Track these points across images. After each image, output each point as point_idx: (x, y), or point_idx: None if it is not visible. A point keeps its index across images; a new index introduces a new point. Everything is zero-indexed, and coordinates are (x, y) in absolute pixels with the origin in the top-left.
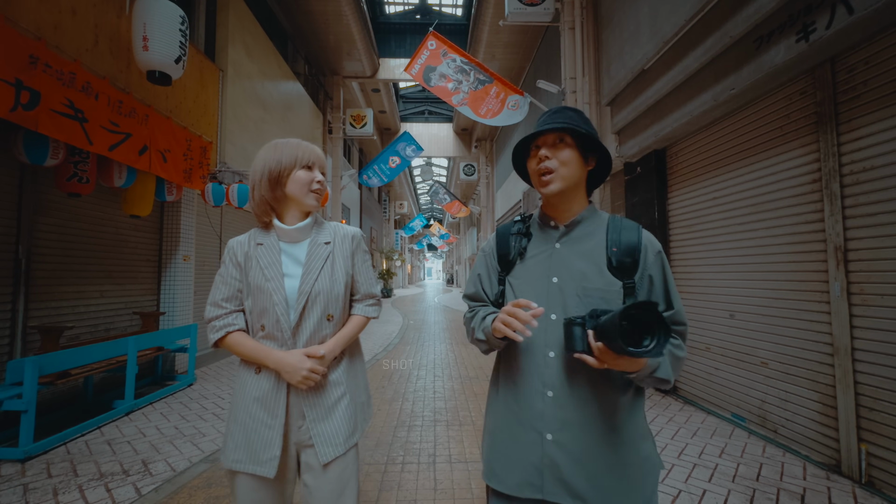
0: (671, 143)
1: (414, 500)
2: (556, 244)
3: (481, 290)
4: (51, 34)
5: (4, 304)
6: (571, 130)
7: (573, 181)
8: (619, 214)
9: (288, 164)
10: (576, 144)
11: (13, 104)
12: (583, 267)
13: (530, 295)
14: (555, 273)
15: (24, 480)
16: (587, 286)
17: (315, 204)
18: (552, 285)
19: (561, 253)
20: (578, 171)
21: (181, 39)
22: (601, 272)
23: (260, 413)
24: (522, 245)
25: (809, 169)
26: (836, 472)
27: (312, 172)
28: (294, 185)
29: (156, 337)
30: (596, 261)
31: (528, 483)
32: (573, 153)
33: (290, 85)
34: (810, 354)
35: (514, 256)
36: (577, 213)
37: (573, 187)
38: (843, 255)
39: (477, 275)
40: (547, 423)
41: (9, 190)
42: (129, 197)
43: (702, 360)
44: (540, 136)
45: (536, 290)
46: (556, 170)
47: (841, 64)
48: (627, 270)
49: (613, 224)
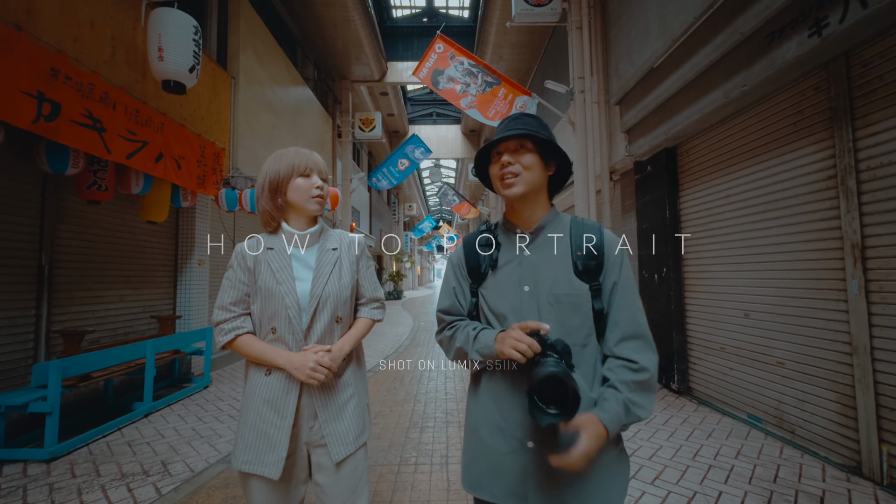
0: (682, 141)
1: (427, 500)
2: (525, 252)
3: (457, 302)
4: (70, 47)
5: (28, 309)
6: (531, 136)
7: (535, 185)
8: (629, 214)
9: (286, 173)
10: (536, 150)
11: (35, 116)
12: (551, 273)
13: (504, 305)
14: (525, 281)
15: (49, 480)
16: (557, 293)
17: (317, 209)
18: (524, 294)
19: (530, 260)
20: (540, 175)
21: (195, 49)
22: (569, 277)
23: (270, 415)
24: (493, 257)
25: (824, 165)
26: (856, 474)
27: (311, 179)
28: (294, 193)
29: (173, 340)
30: (564, 266)
31: (512, 492)
32: (534, 158)
33: (299, 90)
34: (828, 354)
35: (485, 268)
36: (541, 218)
37: (535, 191)
38: (860, 253)
39: (452, 287)
40: (528, 432)
41: (32, 199)
42: (146, 203)
43: (716, 361)
44: (502, 143)
45: (509, 300)
46: (519, 174)
47: (856, 58)
48: (593, 273)
49: (576, 226)
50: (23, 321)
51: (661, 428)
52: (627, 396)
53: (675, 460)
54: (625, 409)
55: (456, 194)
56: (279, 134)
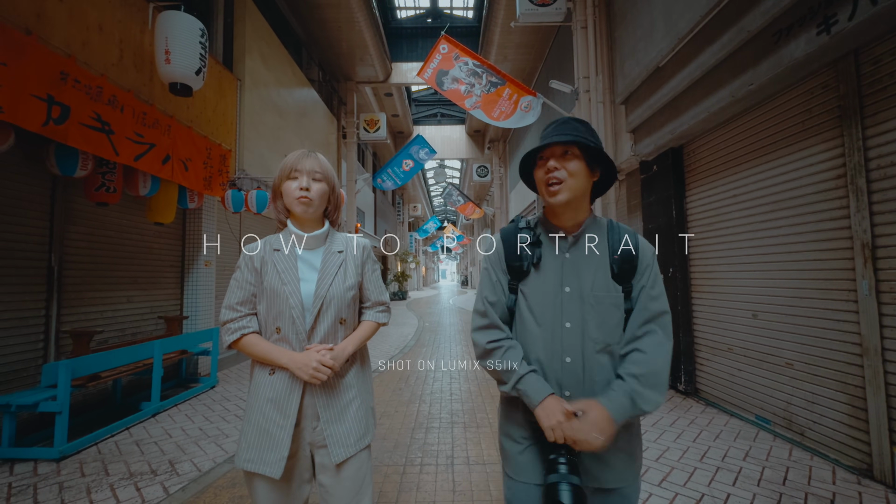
0: (688, 140)
1: (433, 501)
2: (567, 254)
3: (502, 296)
4: (79, 51)
5: (39, 309)
6: (579, 143)
7: (580, 191)
8: (635, 214)
9: (281, 176)
10: (583, 156)
11: (45, 119)
12: (591, 275)
13: (545, 304)
14: (567, 283)
15: (59, 479)
16: (598, 294)
17: (300, 210)
18: (565, 294)
19: (570, 262)
20: (585, 181)
21: (201, 52)
22: (607, 280)
23: (273, 413)
24: (538, 255)
25: (833, 164)
26: (867, 477)
27: (298, 181)
28: (286, 195)
29: (180, 340)
30: (602, 269)
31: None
32: (580, 164)
33: (304, 92)
34: (838, 355)
35: (527, 266)
36: (582, 223)
37: (579, 197)
38: (870, 253)
39: (496, 280)
40: None
41: (42, 201)
42: (154, 205)
43: (724, 361)
44: (547, 148)
45: (550, 299)
46: (564, 180)
47: (865, 55)
48: (626, 276)
49: (612, 231)
50: (33, 321)
51: (669, 429)
52: (634, 388)
53: (682, 462)
54: (630, 401)
55: (460, 195)
56: (284, 135)
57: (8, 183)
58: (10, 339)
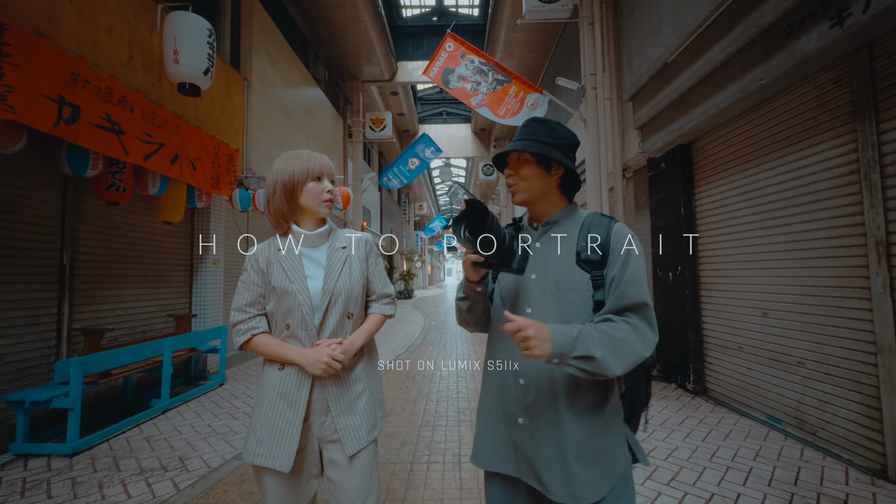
0: (697, 137)
1: (440, 499)
2: (537, 243)
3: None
4: (90, 51)
5: (51, 308)
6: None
7: (535, 192)
8: (643, 212)
9: (300, 176)
10: (534, 160)
11: (56, 119)
12: (556, 263)
13: (512, 291)
14: (533, 270)
15: (72, 474)
16: (558, 280)
17: (327, 212)
18: (531, 281)
19: (539, 251)
20: (539, 182)
21: (209, 52)
22: (570, 266)
23: (282, 408)
24: None
25: (846, 160)
26: (881, 478)
27: (322, 183)
28: (307, 196)
29: (189, 338)
30: (567, 256)
31: (506, 461)
32: (531, 169)
33: (311, 91)
34: (851, 354)
35: None
36: (553, 215)
37: (539, 195)
38: (885, 249)
39: None
40: (519, 409)
41: (54, 200)
42: (163, 204)
43: (733, 360)
44: (508, 155)
45: (517, 285)
46: (515, 184)
47: (879, 49)
48: (594, 264)
49: (587, 221)
50: (45, 319)
51: (677, 428)
52: (585, 329)
53: (691, 461)
54: (574, 337)
55: (466, 193)
56: (291, 134)
57: (20, 183)
58: (24, 337)
